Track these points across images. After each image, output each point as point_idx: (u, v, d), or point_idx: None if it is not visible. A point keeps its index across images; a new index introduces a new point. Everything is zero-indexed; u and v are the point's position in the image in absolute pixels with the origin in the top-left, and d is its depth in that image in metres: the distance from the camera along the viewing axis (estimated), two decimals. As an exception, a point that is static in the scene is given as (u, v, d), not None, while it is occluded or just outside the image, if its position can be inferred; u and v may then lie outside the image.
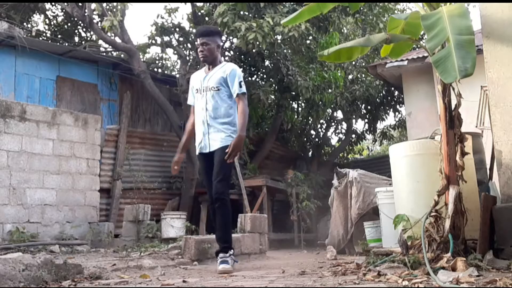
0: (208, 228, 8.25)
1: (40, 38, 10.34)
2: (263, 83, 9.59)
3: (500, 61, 3.13)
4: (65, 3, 8.73)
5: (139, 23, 31.04)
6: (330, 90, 9.70)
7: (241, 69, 9.68)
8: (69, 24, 11.48)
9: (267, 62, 9.97)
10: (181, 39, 10.10)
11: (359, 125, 17.33)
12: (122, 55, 9.67)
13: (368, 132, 13.25)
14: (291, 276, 2.97)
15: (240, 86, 3.83)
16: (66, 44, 10.42)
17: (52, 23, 11.58)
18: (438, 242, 2.85)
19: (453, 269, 2.53)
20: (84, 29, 11.50)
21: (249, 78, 9.75)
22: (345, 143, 13.19)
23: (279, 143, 11.54)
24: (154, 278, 3.11)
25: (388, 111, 12.46)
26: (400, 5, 12.31)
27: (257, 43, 7.64)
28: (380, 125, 13.33)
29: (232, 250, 3.75)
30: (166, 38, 9.87)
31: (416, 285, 2.22)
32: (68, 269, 2.80)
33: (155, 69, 10.75)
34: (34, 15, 11.14)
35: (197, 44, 3.97)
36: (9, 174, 6.10)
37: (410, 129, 8.70)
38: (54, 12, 11.44)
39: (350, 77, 11.91)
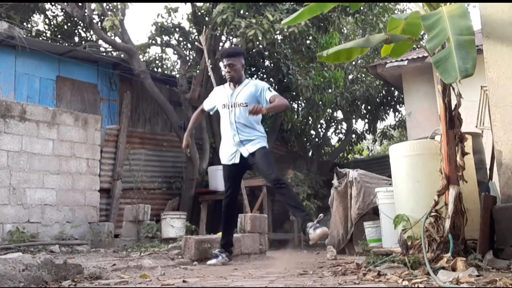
0: (208, 228, 8.25)
1: (40, 38, 10.34)
2: (263, 83, 9.59)
3: (500, 61, 3.13)
4: (65, 3, 8.73)
5: (139, 23, 31.05)
6: (330, 90, 9.70)
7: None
8: (69, 24, 11.47)
9: (267, 62, 9.96)
10: (181, 39, 10.10)
11: (359, 125, 17.36)
12: (122, 55, 9.67)
13: (368, 132, 13.25)
14: (291, 276, 2.97)
15: (271, 91, 4.22)
16: (66, 44, 10.42)
17: (52, 23, 11.58)
18: (438, 242, 2.85)
19: (453, 269, 2.54)
20: (84, 29, 11.50)
21: (249, 78, 9.73)
22: (345, 143, 13.19)
23: (279, 143, 11.53)
24: (154, 278, 3.11)
25: (388, 111, 12.46)
26: (400, 5, 12.32)
27: (257, 42, 7.64)
28: (380, 125, 13.35)
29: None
30: (166, 38, 9.87)
31: (416, 285, 2.22)
32: (68, 269, 2.80)
33: (155, 69, 10.75)
34: (34, 15, 11.14)
35: (223, 65, 4.38)
36: (9, 174, 6.09)
37: (410, 129, 8.70)
38: (54, 12, 11.44)
39: (350, 77, 11.92)
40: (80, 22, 10.57)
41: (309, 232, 3.85)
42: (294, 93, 9.61)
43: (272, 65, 9.63)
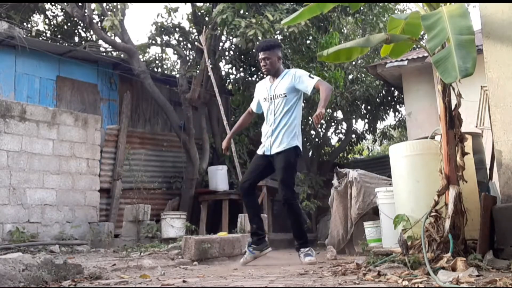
0: (208, 228, 8.24)
1: (40, 38, 10.33)
2: (263, 83, 9.57)
3: (500, 61, 3.13)
4: (65, 3, 8.73)
5: (139, 23, 31.04)
6: (330, 90, 9.67)
7: (241, 69, 9.78)
8: (69, 24, 11.46)
9: (267, 62, 9.92)
10: (181, 39, 10.10)
11: (359, 125, 17.31)
12: (122, 55, 9.67)
13: (368, 132, 13.23)
14: (291, 276, 2.97)
15: (312, 78, 4.21)
16: (66, 44, 10.42)
17: (52, 23, 11.57)
18: (438, 242, 2.85)
19: (453, 269, 2.53)
20: (84, 29, 11.49)
21: (249, 78, 9.74)
22: (345, 143, 13.17)
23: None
24: (154, 278, 3.10)
25: (388, 111, 12.44)
26: (400, 5, 12.30)
27: (257, 42, 7.64)
28: (380, 125, 13.32)
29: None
30: (166, 38, 9.87)
31: (416, 285, 2.22)
32: (68, 269, 2.80)
33: (155, 69, 10.75)
34: (34, 15, 11.13)
35: (259, 59, 4.37)
36: (9, 174, 6.09)
37: (410, 129, 8.69)
38: (54, 12, 11.42)
39: (350, 77, 11.89)
40: (80, 22, 10.55)
41: (300, 255, 4.28)
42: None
43: (272, 65, 9.60)
